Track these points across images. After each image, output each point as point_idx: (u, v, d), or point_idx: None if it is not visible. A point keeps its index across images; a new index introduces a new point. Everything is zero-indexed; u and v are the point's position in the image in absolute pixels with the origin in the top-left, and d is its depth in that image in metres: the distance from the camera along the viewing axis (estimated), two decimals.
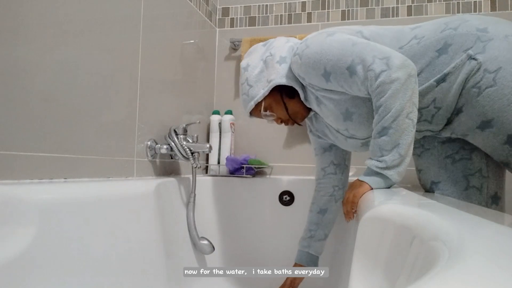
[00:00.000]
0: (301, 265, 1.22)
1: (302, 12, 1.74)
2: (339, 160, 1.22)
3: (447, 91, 0.88)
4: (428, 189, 1.06)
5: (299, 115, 1.08)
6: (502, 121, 0.83)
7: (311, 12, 1.73)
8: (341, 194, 1.23)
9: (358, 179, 0.89)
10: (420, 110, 0.90)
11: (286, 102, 1.05)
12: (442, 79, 0.88)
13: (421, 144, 1.05)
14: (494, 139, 0.87)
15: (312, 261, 1.22)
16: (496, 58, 0.82)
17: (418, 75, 0.89)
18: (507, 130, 0.84)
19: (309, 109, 1.09)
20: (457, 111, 0.91)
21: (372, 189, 0.85)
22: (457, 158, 1.00)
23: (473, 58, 0.84)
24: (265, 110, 1.06)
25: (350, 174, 1.62)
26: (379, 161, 0.85)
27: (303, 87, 1.03)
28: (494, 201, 0.98)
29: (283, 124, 1.11)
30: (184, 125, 1.26)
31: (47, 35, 0.85)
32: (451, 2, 1.56)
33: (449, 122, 0.95)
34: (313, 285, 1.27)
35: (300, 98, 1.05)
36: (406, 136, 0.84)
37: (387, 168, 0.84)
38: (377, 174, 0.86)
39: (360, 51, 0.87)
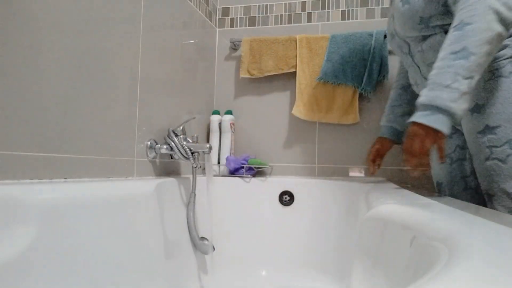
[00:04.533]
0: (385, 138, 1.22)
1: (302, 12, 1.74)
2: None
3: None
4: (435, 189, 1.07)
5: None
6: (490, 110, 0.84)
7: (311, 12, 1.73)
8: None
9: (414, 124, 0.76)
10: None
11: None
12: None
13: None
14: (474, 124, 0.87)
15: (395, 134, 1.22)
16: None
17: None
18: (489, 120, 0.84)
19: None
20: None
21: (445, 135, 0.73)
22: (454, 158, 1.01)
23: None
24: None
25: (360, 175, 1.63)
26: (452, 90, 0.71)
27: None
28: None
29: None
30: (181, 127, 1.26)
31: (46, 35, 0.85)
32: None
33: None
34: (313, 285, 1.27)
35: None
36: (479, 75, 0.73)
37: (458, 100, 0.71)
38: (442, 111, 0.72)
39: None
